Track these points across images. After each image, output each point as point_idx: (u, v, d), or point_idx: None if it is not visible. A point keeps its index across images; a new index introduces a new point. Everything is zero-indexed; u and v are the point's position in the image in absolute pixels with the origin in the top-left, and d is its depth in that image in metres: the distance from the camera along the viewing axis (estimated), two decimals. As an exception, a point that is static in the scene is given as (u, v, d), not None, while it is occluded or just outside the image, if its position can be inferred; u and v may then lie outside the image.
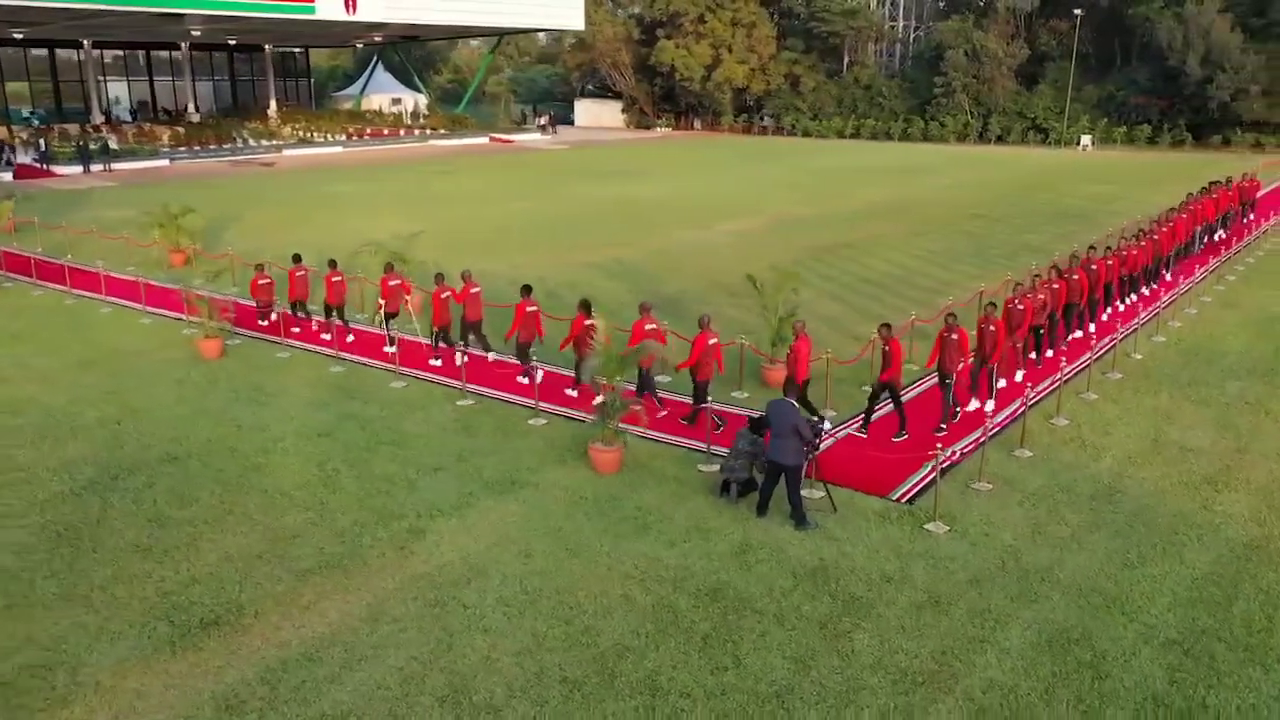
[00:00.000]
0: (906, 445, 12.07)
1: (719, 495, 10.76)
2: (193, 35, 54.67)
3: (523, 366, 14.48)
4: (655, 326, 13.14)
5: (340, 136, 59.28)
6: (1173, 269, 21.81)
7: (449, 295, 15.24)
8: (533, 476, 11.37)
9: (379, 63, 75.98)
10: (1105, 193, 38.94)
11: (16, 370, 15.29)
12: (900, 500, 10.74)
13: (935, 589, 8.92)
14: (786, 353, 13.07)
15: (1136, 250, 19.00)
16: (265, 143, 54.70)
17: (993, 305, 13.27)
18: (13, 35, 50.08)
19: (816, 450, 10.36)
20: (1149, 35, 60.34)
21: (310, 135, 57.67)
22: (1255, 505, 10.55)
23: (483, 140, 63.21)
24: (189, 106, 61.38)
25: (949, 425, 12.62)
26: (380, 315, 16.11)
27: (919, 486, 11.02)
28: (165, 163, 46.65)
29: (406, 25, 54.93)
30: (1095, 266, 17.03)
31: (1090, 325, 16.99)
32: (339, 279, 16.60)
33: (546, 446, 12.27)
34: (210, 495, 10.84)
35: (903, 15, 77.74)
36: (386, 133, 62.59)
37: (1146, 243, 19.73)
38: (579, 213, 32.68)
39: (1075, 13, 59.81)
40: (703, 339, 12.68)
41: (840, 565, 9.33)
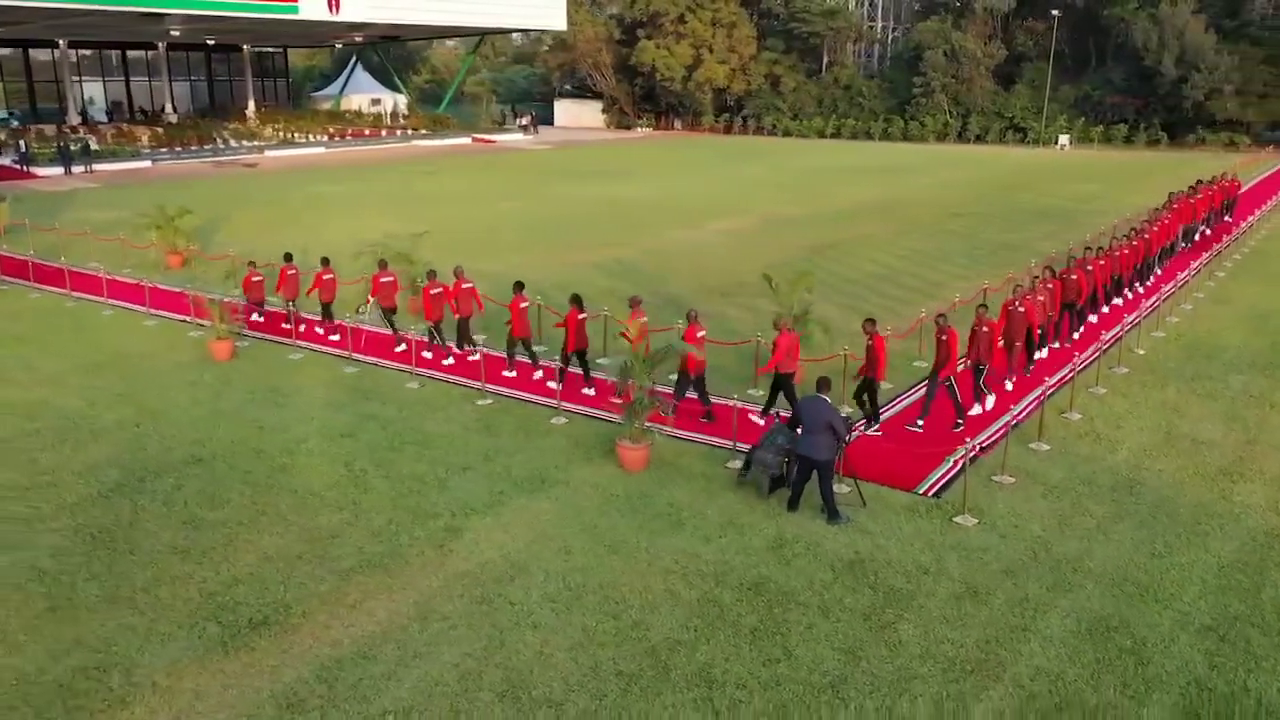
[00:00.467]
0: (927, 440, 12.26)
1: (739, 481, 10.92)
2: (172, 35, 54.21)
3: (507, 360, 14.89)
4: (705, 333, 13.33)
5: (322, 137, 58.92)
6: (1161, 267, 22.21)
7: (440, 291, 15.44)
8: (561, 474, 11.45)
9: (358, 63, 75.58)
10: (1086, 192, 39.48)
11: (24, 373, 15.16)
12: (926, 494, 10.91)
13: (972, 580, 9.09)
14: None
15: (1128, 250, 19.34)
16: (246, 143, 54.25)
17: (984, 307, 13.29)
18: (-12, 35, 49.54)
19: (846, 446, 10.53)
20: (1124, 36, 61.25)
21: (292, 136, 57.27)
22: (1272, 495, 10.82)
23: (465, 140, 63.05)
24: (166, 107, 60.86)
25: (964, 422, 12.81)
26: (369, 309, 16.40)
27: (943, 480, 11.20)
28: (147, 164, 46.18)
29: (389, 25, 54.72)
30: (1092, 267, 17.29)
31: (1082, 326, 17.18)
32: (330, 276, 16.78)
33: (571, 445, 12.34)
34: (241, 496, 10.84)
35: (881, 16, 78.35)
36: (368, 133, 62.25)
37: (1138, 242, 20.09)
38: (569, 213, 32.74)
39: (1053, 13, 60.51)
40: (691, 332, 13.00)
41: (877, 558, 9.49)
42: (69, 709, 7.33)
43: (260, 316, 17.65)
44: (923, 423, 12.82)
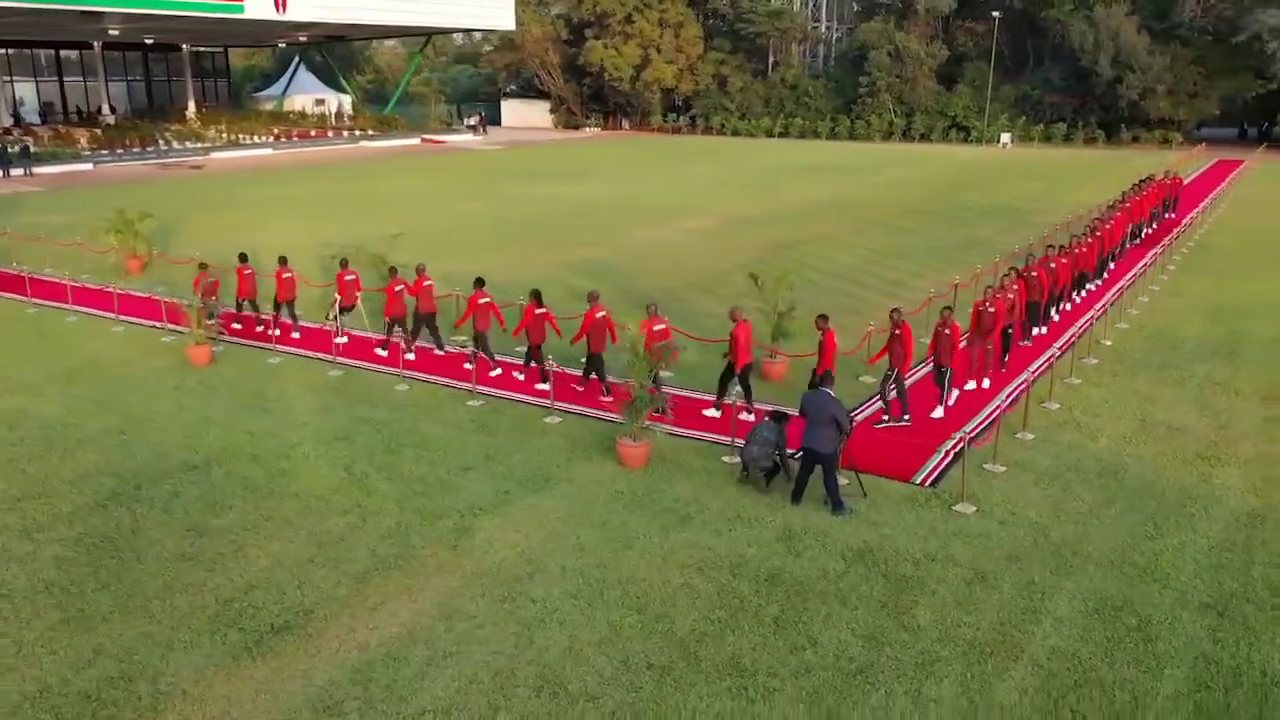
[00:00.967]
0: (919, 431, 12.58)
1: (741, 480, 11.10)
2: (109, 34, 52.90)
3: (484, 357, 15.06)
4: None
5: (267, 138, 57.98)
6: (1114, 263, 22.94)
7: (402, 289, 15.64)
8: (563, 473, 11.52)
9: (301, 63, 74.48)
10: (1030, 190, 40.54)
11: (-5, 382, 14.77)
12: (923, 484, 11.21)
13: (978, 565, 9.38)
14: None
15: (1086, 247, 19.94)
16: (190, 145, 53.21)
17: (949, 309, 13.46)
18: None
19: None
20: (1061, 37, 62.94)
21: (237, 137, 56.24)
22: (1248, 478, 11.32)
23: (415, 141, 62.56)
24: (103, 108, 59.33)
25: (900, 419, 13.00)
26: (335, 310, 16.52)
27: (938, 470, 11.51)
28: (89, 166, 45.04)
29: (335, 25, 54.07)
30: (1055, 264, 17.78)
31: (1044, 326, 17.58)
32: (288, 275, 16.88)
33: (568, 444, 12.42)
34: (243, 502, 10.72)
35: (825, 16, 79.40)
36: (314, 134, 61.46)
37: (1092, 240, 20.73)
38: (534, 213, 32.71)
39: (993, 14, 61.94)
40: (647, 325, 13.08)
41: (884, 547, 9.73)
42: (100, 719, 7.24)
43: (213, 319, 17.33)
44: (908, 416, 13.10)
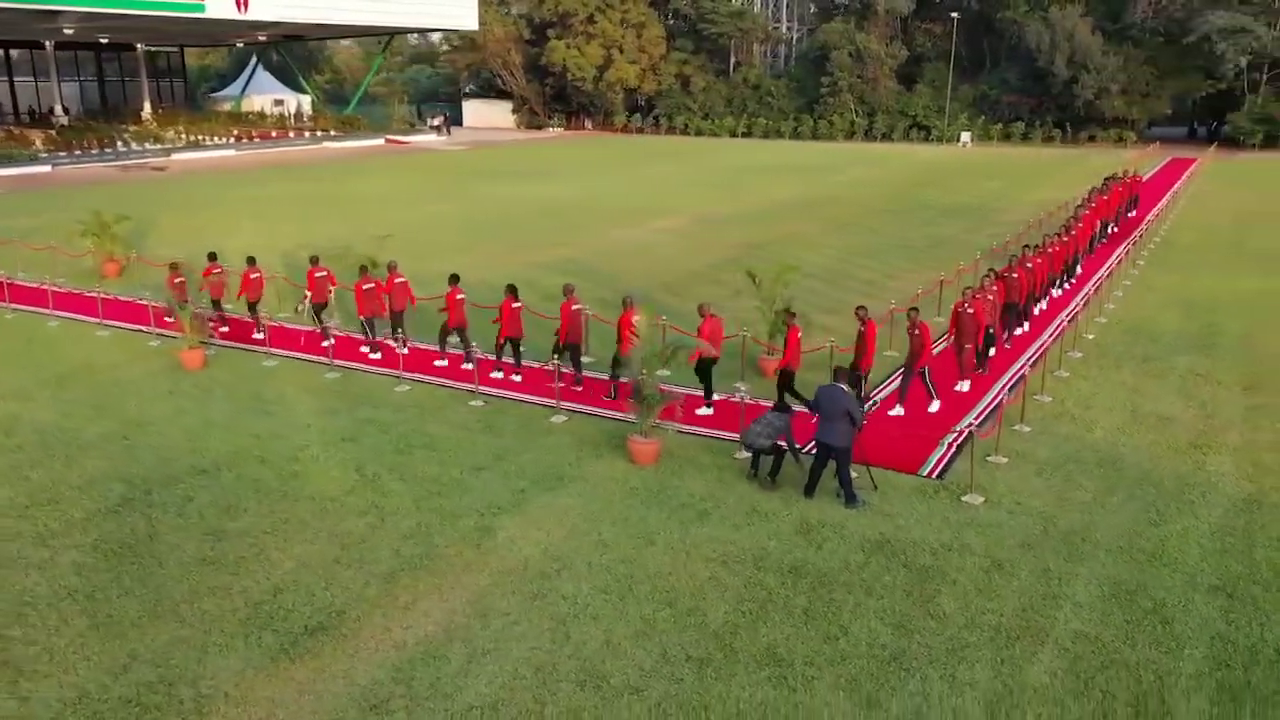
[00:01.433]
0: (922, 424, 12.84)
1: (751, 476, 11.26)
2: (64, 33, 51.85)
3: (458, 352, 15.47)
4: (640, 319, 13.70)
5: (227, 139, 57.15)
6: (1083, 261, 23.47)
7: (372, 286, 15.84)
8: (576, 471, 11.61)
9: (259, 63, 73.53)
10: (992, 188, 41.30)
11: (-17, 388, 14.50)
12: (930, 476, 11.46)
13: (994, 554, 9.63)
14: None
15: (1059, 246, 20.40)
16: (149, 146, 52.26)
17: (915, 310, 13.58)
18: None
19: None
20: (1017, 38, 64.12)
21: (199, 139, 55.38)
22: (1240, 465, 11.72)
23: (378, 142, 62.07)
24: (55, 108, 58.07)
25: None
26: (306, 306, 16.69)
27: (943, 463, 11.77)
28: (47, 168, 44.10)
29: (297, 25, 53.45)
30: (1032, 264, 18.14)
31: (1026, 323, 17.94)
32: (256, 275, 16.99)
33: (576, 442, 12.50)
34: (257, 505, 10.67)
35: (786, 17, 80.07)
36: (275, 135, 60.70)
37: (1067, 239, 21.21)
38: (506, 214, 32.67)
39: (953, 15, 62.94)
40: (626, 317, 13.42)
41: (901, 538, 9.95)
42: (145, 724, 7.21)
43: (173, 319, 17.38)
44: (903, 409, 13.36)
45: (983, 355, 15.16)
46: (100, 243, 21.50)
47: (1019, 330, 17.42)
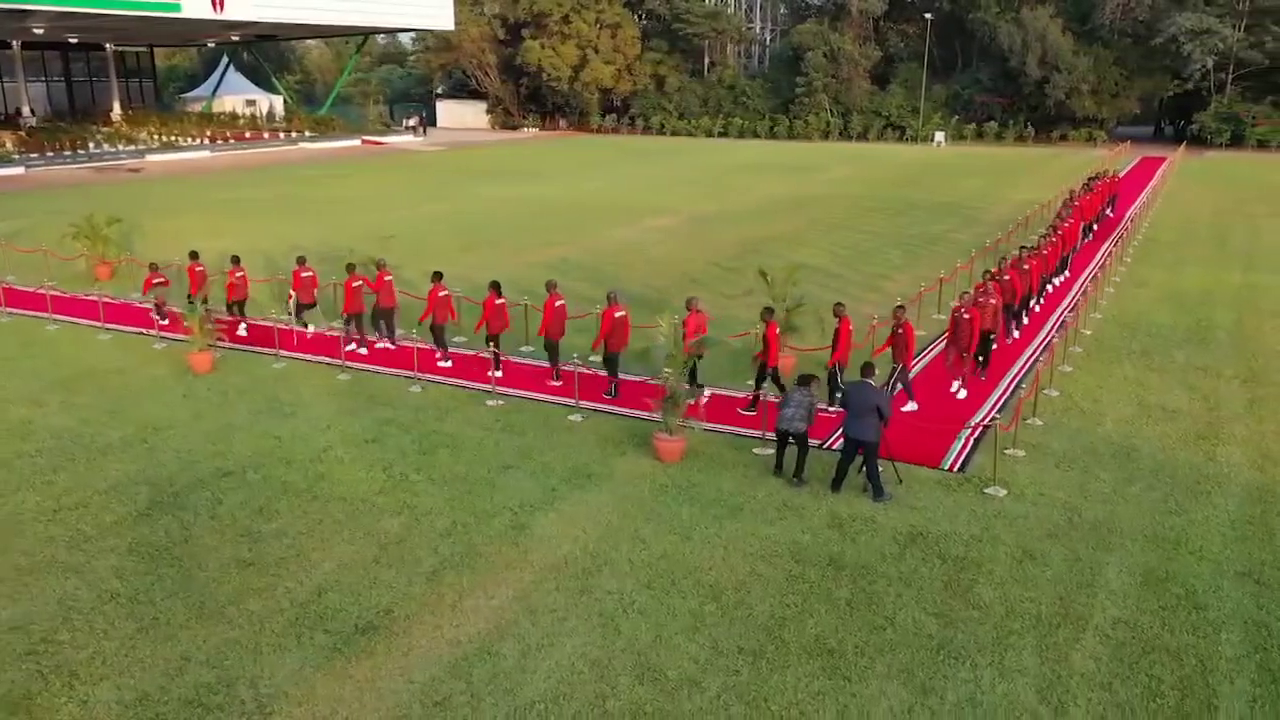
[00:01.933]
0: (938, 417, 13.05)
1: (776, 472, 11.35)
2: (33, 33, 51.06)
3: (441, 350, 15.55)
4: (624, 313, 14.20)
5: (202, 140, 56.53)
6: (1072, 261, 23.88)
7: (361, 284, 15.97)
8: (602, 468, 11.69)
9: (230, 63, 72.76)
10: (972, 187, 41.78)
11: (-10, 393, 14.33)
12: (951, 470, 11.66)
13: (1023, 544, 9.83)
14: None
15: (1050, 248, 20.74)
16: (123, 148, 51.57)
17: (902, 308, 13.75)
18: None
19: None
20: (989, 38, 64.90)
21: (173, 139, 54.75)
22: (1249, 455, 12.03)
23: (354, 143, 61.67)
24: (22, 109, 57.14)
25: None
26: (292, 305, 16.79)
27: (962, 456, 11.98)
28: (20, 170, 43.43)
29: (273, 24, 52.98)
30: (1028, 266, 18.40)
31: (1026, 316, 18.20)
32: (241, 274, 17.15)
33: (598, 440, 12.58)
34: (288, 507, 10.65)
35: (759, 18, 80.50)
36: (249, 136, 60.14)
37: (1056, 239, 21.57)
38: (498, 214, 32.65)
39: (925, 16, 63.59)
40: (609, 312, 13.99)
41: (932, 531, 10.13)
42: (209, 725, 7.21)
43: (165, 319, 17.39)
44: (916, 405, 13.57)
45: (986, 359, 15.12)
46: (92, 245, 21.24)
47: (1016, 331, 17.67)
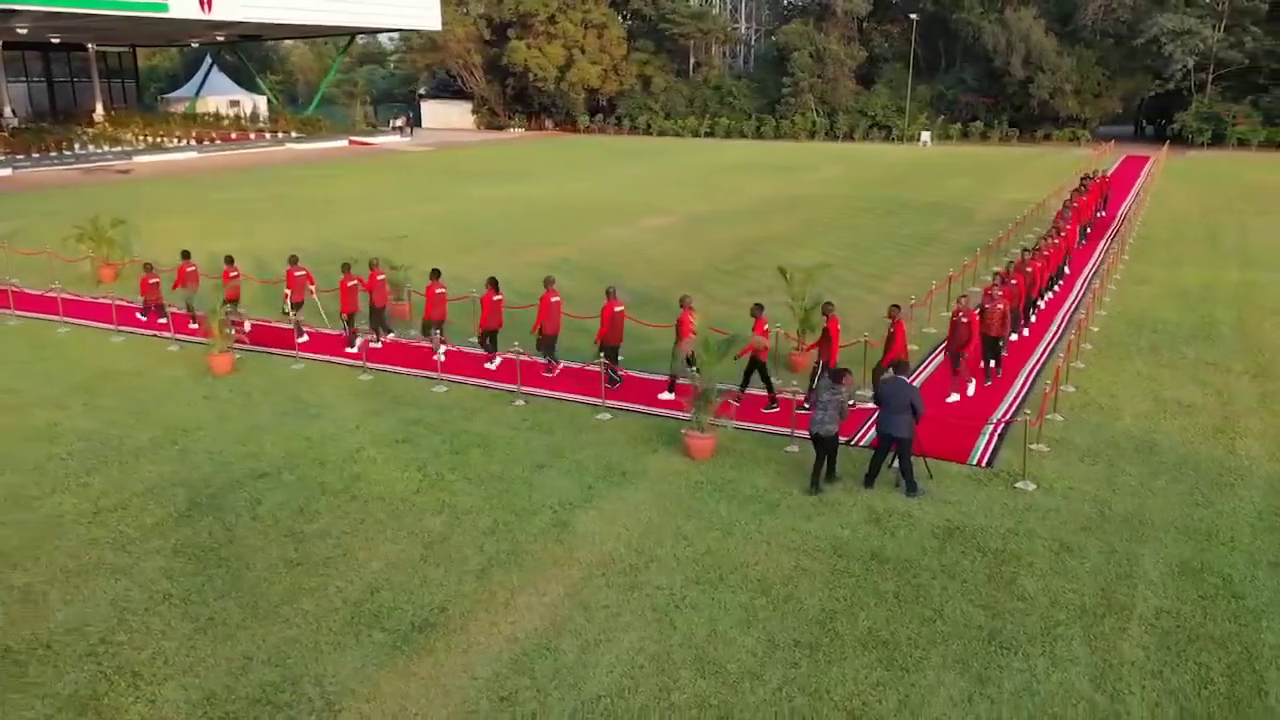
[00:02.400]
0: (958, 413, 13.24)
1: (811, 488, 11.02)
2: (16, 33, 50.50)
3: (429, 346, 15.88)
4: (622, 308, 14.53)
5: (188, 141, 56.13)
6: (1071, 260, 24.19)
7: (356, 283, 16.19)
8: (636, 466, 11.79)
9: (214, 64, 72.25)
10: (960, 186, 42.09)
11: (9, 396, 14.26)
12: (979, 465, 11.84)
13: (1059, 537, 10.01)
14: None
15: (1051, 250, 21.01)
16: (110, 149, 51.15)
17: (897, 307, 13.81)
18: None
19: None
20: (973, 38, 65.45)
21: (159, 140, 54.34)
22: (1269, 448, 12.29)
23: (342, 143, 61.43)
24: (5, 110, 56.54)
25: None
26: (287, 305, 16.98)
27: (989, 451, 12.17)
28: (7, 171, 43.04)
29: (261, 24, 52.68)
30: (1031, 268, 18.59)
31: (1033, 316, 18.41)
32: (235, 274, 17.36)
33: (628, 439, 12.68)
34: (328, 507, 10.69)
35: (744, 19, 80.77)
36: (235, 136, 59.79)
37: (1059, 240, 21.85)
38: (492, 214, 32.66)
39: (911, 16, 64.04)
40: (608, 308, 14.27)
41: (968, 525, 10.30)
42: (281, 722, 7.26)
43: (149, 317, 17.65)
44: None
45: (998, 364, 14.99)
46: (96, 247, 21.13)
47: (1023, 332, 17.86)
